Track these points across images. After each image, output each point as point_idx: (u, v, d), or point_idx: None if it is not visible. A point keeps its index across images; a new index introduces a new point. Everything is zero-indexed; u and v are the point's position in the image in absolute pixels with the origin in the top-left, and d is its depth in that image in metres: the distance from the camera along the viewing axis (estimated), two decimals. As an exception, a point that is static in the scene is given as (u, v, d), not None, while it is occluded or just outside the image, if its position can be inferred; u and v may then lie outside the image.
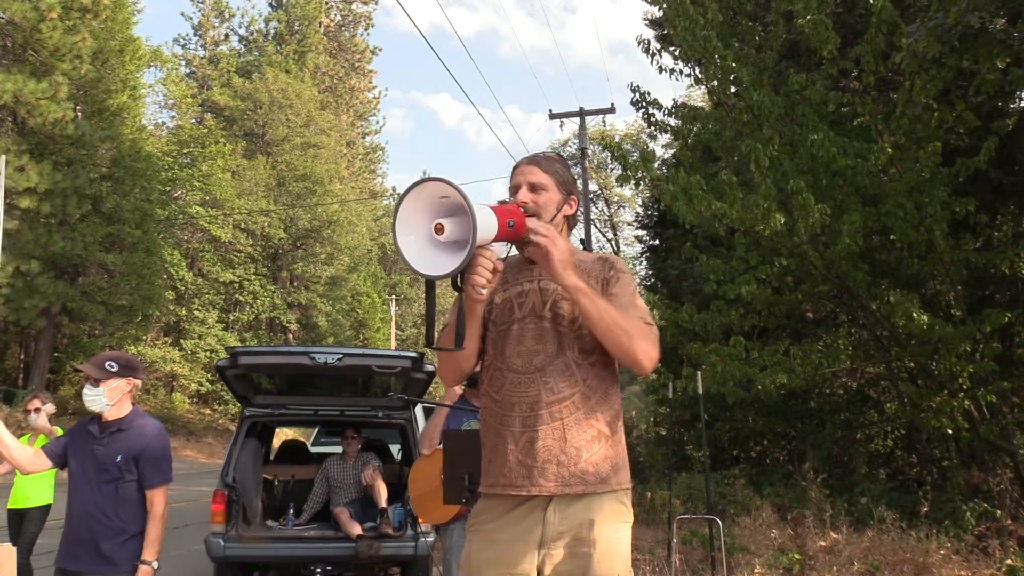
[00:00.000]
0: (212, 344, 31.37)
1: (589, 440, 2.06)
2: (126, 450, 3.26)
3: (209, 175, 31.88)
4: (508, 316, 2.16)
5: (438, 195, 1.88)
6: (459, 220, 1.84)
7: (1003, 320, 7.21)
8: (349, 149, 45.24)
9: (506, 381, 2.11)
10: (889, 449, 11.82)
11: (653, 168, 8.13)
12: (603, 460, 2.07)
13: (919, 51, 5.69)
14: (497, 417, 2.12)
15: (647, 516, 10.61)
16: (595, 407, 2.08)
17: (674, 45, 8.74)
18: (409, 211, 1.90)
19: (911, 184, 7.11)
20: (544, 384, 2.06)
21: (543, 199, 2.16)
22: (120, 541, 3.19)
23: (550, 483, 2.02)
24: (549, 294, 2.14)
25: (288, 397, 6.71)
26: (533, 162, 2.22)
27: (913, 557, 6.48)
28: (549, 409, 2.05)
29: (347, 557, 6.04)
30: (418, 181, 1.90)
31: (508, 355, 2.12)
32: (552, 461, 2.03)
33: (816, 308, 10.84)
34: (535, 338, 2.11)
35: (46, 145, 21.33)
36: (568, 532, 2.02)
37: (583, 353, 2.09)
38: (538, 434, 2.04)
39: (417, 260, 1.88)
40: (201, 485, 15.80)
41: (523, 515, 2.05)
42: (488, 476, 2.13)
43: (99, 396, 3.26)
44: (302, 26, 43.69)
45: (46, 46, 20.73)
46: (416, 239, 1.90)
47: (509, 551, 2.04)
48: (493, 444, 2.12)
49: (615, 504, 2.08)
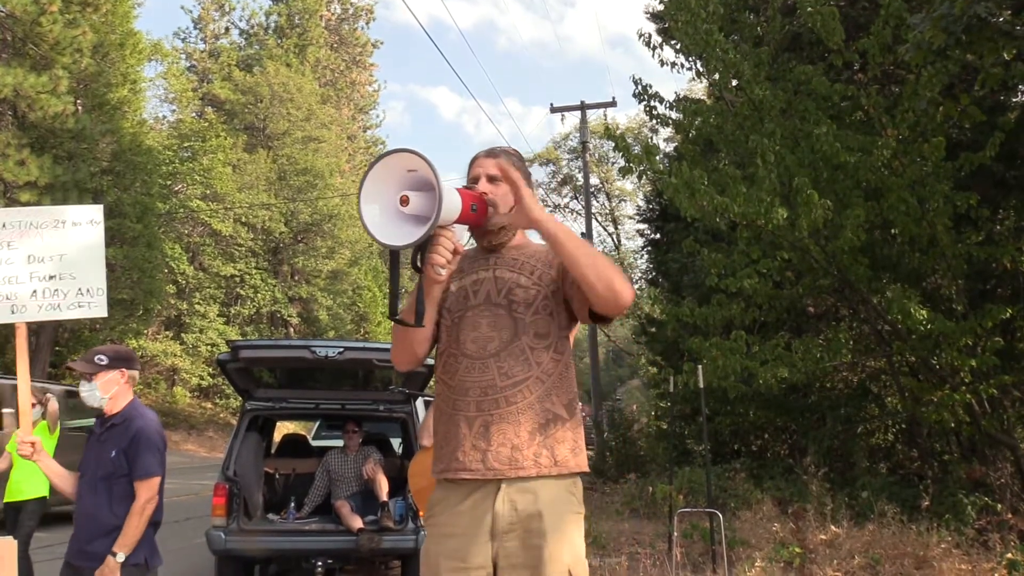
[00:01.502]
0: (213, 338, 31.36)
1: (544, 423, 2.08)
2: (119, 444, 3.24)
3: (210, 169, 31.82)
4: (463, 303, 2.19)
5: (406, 167, 1.89)
6: (425, 195, 1.86)
7: (1004, 315, 7.21)
8: (350, 143, 45.16)
9: (460, 367, 2.12)
10: (890, 443, 11.83)
11: (656, 161, 8.12)
12: (558, 443, 2.09)
13: (924, 42, 5.66)
14: (450, 402, 2.13)
15: (648, 509, 10.62)
16: (551, 390, 2.11)
17: (675, 39, 8.69)
18: (377, 180, 1.91)
19: (914, 178, 7.10)
20: (499, 369, 2.09)
21: (501, 191, 2.20)
22: (114, 536, 3.16)
23: (504, 466, 2.04)
24: (504, 282, 2.18)
25: (289, 391, 6.71)
26: (491, 155, 2.27)
27: (914, 551, 6.49)
28: (504, 393, 2.07)
29: (348, 550, 6.05)
30: (389, 151, 1.92)
31: (462, 341, 2.14)
32: (506, 445, 2.05)
33: (817, 302, 10.84)
34: (490, 325, 2.13)
35: (46, 139, 21.29)
36: (519, 523, 2.02)
37: (538, 337, 2.12)
38: (492, 418, 2.06)
39: (378, 229, 1.90)
40: (202, 479, 15.83)
41: (474, 506, 2.06)
42: (441, 461, 2.14)
43: (93, 391, 3.25)
44: (303, 20, 43.57)
45: (46, 40, 20.68)
46: (380, 208, 1.92)
47: (462, 544, 2.04)
48: (446, 429, 2.14)
49: (565, 495, 2.09)
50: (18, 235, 3.23)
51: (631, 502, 11.35)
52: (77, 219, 3.29)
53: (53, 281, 3.19)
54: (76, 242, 3.27)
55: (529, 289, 2.16)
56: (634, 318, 25.77)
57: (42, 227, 3.25)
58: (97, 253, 3.29)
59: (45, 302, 3.18)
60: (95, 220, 3.32)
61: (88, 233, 3.29)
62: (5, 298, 3.17)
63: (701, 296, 10.43)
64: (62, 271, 3.22)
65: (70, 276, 3.22)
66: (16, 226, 3.24)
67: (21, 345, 3.11)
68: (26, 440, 3.08)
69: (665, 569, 6.53)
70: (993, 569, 5.94)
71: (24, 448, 3.06)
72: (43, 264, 3.20)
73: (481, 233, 2.22)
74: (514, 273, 2.19)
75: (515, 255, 2.24)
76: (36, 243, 3.23)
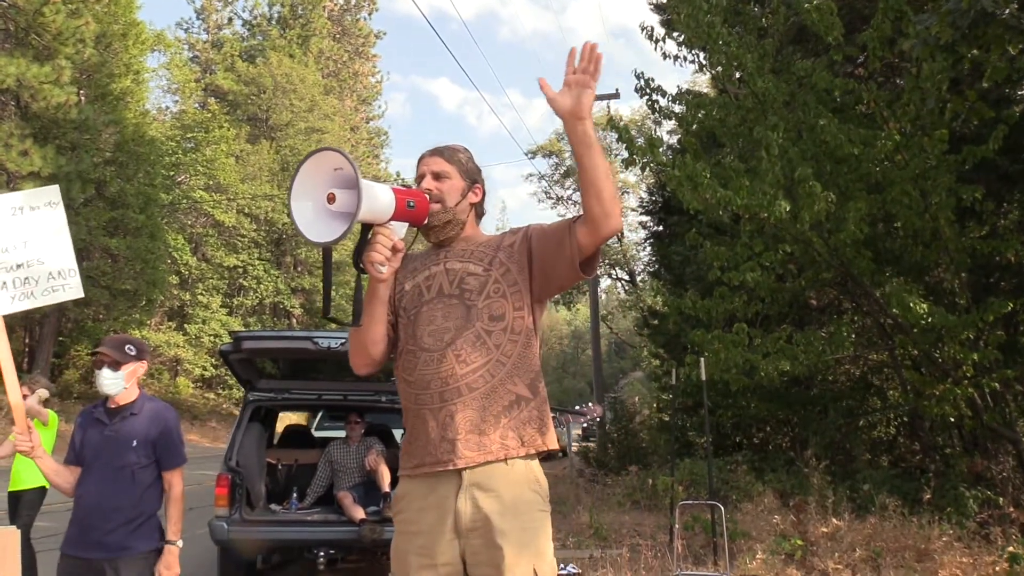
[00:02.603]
0: (216, 329, 31.44)
1: (507, 405, 2.09)
2: (143, 434, 3.25)
3: (213, 160, 31.85)
4: (417, 300, 2.20)
5: (333, 166, 1.92)
6: (352, 192, 1.88)
7: (1006, 308, 7.19)
8: (353, 134, 45.11)
9: (419, 361, 2.13)
10: (892, 436, 11.84)
11: (659, 154, 8.11)
12: (524, 424, 2.10)
13: (931, 37, 5.64)
14: (412, 398, 2.14)
15: (649, 501, 10.64)
16: (512, 371, 2.11)
17: (678, 31, 8.66)
18: (306, 179, 1.94)
19: (916, 172, 7.08)
20: (456, 357, 2.09)
21: (446, 186, 2.23)
22: (135, 526, 3.19)
23: (473, 452, 2.04)
24: (455, 272, 2.20)
25: (291, 382, 6.72)
26: (436, 153, 2.29)
27: (915, 544, 6.49)
28: (465, 380, 2.08)
29: (350, 541, 6.07)
30: (315, 150, 1.95)
31: (419, 336, 2.15)
32: (474, 431, 2.05)
33: (820, 295, 10.83)
34: (444, 316, 2.14)
35: (49, 129, 21.30)
36: (481, 523, 2.02)
37: (493, 320, 2.13)
38: (456, 407, 2.06)
39: (306, 226, 1.94)
40: (205, 469, 15.83)
41: (439, 502, 2.06)
42: (412, 458, 2.13)
43: (118, 380, 3.25)
44: (306, 10, 43.48)
45: (49, 30, 20.67)
46: (312, 206, 1.94)
47: (429, 541, 2.05)
48: (413, 425, 2.15)
49: (529, 494, 2.08)
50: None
51: (632, 494, 11.37)
52: (35, 203, 3.21)
53: (22, 270, 3.11)
54: (38, 226, 3.19)
55: (480, 276, 2.17)
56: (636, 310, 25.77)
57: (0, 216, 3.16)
58: (62, 234, 3.21)
59: (17, 292, 3.09)
60: (53, 201, 3.24)
61: (49, 216, 3.21)
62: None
63: (704, 289, 10.42)
64: (29, 258, 3.13)
65: (38, 262, 3.14)
66: None
67: (2, 341, 2.98)
68: (22, 435, 3.04)
69: (666, 561, 6.55)
70: (994, 562, 5.94)
71: (22, 444, 3.02)
72: (8, 254, 3.11)
73: (427, 229, 2.23)
74: (464, 263, 2.20)
75: (464, 246, 2.25)
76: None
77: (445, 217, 2.20)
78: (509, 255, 2.19)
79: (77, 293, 3.20)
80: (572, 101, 1.94)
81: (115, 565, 3.14)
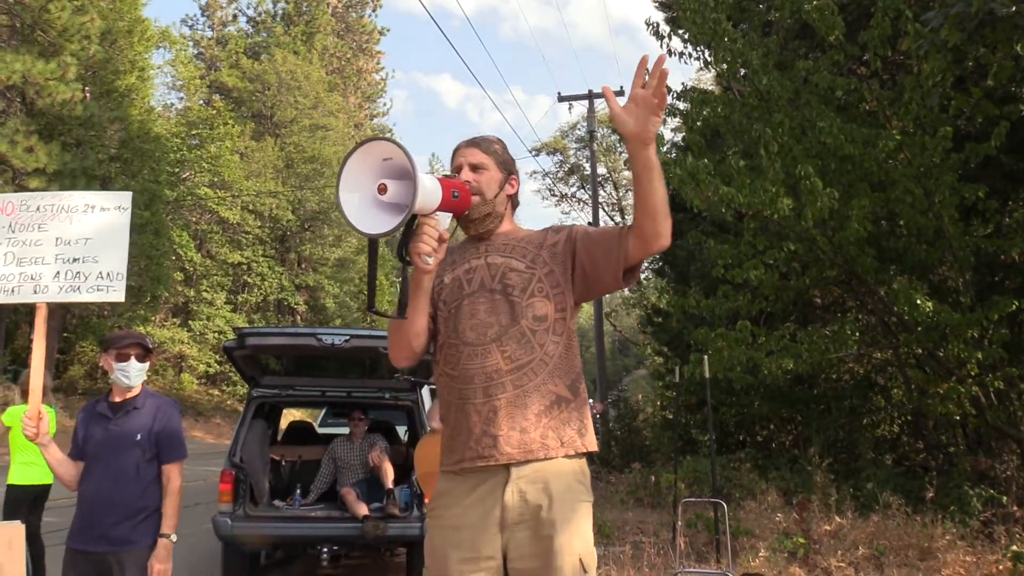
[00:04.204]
0: (220, 325, 31.46)
1: (548, 405, 2.08)
2: (146, 428, 3.29)
3: (217, 156, 31.85)
4: (458, 293, 2.18)
5: (383, 156, 1.90)
6: (402, 183, 1.87)
7: (1011, 307, 7.18)
8: (357, 131, 45.11)
9: (462, 355, 2.12)
10: (895, 435, 11.82)
11: (661, 152, 8.10)
12: (564, 424, 2.10)
13: (938, 39, 5.63)
14: (456, 392, 2.13)
15: (652, 499, 10.64)
16: (554, 372, 2.11)
17: (683, 28, 8.66)
18: (355, 169, 1.92)
19: (920, 169, 7.07)
20: (502, 353, 2.09)
21: (484, 178, 2.21)
22: (139, 519, 3.22)
23: (515, 450, 2.04)
24: (497, 267, 2.18)
25: (295, 378, 6.74)
26: (473, 144, 2.27)
27: (918, 542, 6.49)
28: (509, 377, 2.08)
29: (353, 537, 6.08)
30: (366, 140, 1.92)
31: (461, 330, 2.14)
32: (515, 428, 2.05)
33: (824, 293, 10.82)
34: (487, 311, 2.13)
35: (55, 126, 21.33)
36: (529, 515, 2.02)
37: (537, 320, 2.12)
38: (500, 403, 2.06)
39: (357, 217, 1.90)
40: (209, 465, 15.86)
41: (482, 498, 2.06)
42: (454, 453, 2.13)
43: (141, 372, 3.32)
44: (310, 7, 43.47)
45: (54, 26, 20.70)
46: (360, 197, 1.92)
47: (472, 536, 2.04)
48: (456, 420, 2.14)
49: (575, 484, 2.09)
50: (50, 218, 3.33)
51: (636, 491, 11.38)
52: (106, 204, 3.37)
53: (76, 264, 3.27)
54: (102, 227, 3.34)
55: (523, 273, 2.16)
56: (640, 308, 25.75)
57: (72, 211, 3.33)
58: (121, 238, 3.35)
59: (66, 284, 3.25)
60: (123, 206, 3.39)
61: (114, 219, 3.36)
62: (30, 278, 3.25)
63: (707, 287, 10.43)
64: (86, 254, 3.29)
65: (92, 260, 3.28)
66: (49, 210, 3.33)
67: (40, 325, 3.15)
68: (31, 420, 3.08)
69: (669, 558, 6.55)
70: (998, 561, 5.93)
71: (28, 428, 3.07)
72: (69, 247, 3.28)
73: (467, 222, 2.21)
74: (506, 258, 2.19)
75: (505, 240, 2.24)
76: (66, 227, 3.31)
77: (485, 209, 2.19)
78: (552, 255, 2.18)
79: (119, 297, 3.29)
80: (639, 126, 1.90)
81: (119, 558, 3.16)
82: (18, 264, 3.24)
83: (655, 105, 1.86)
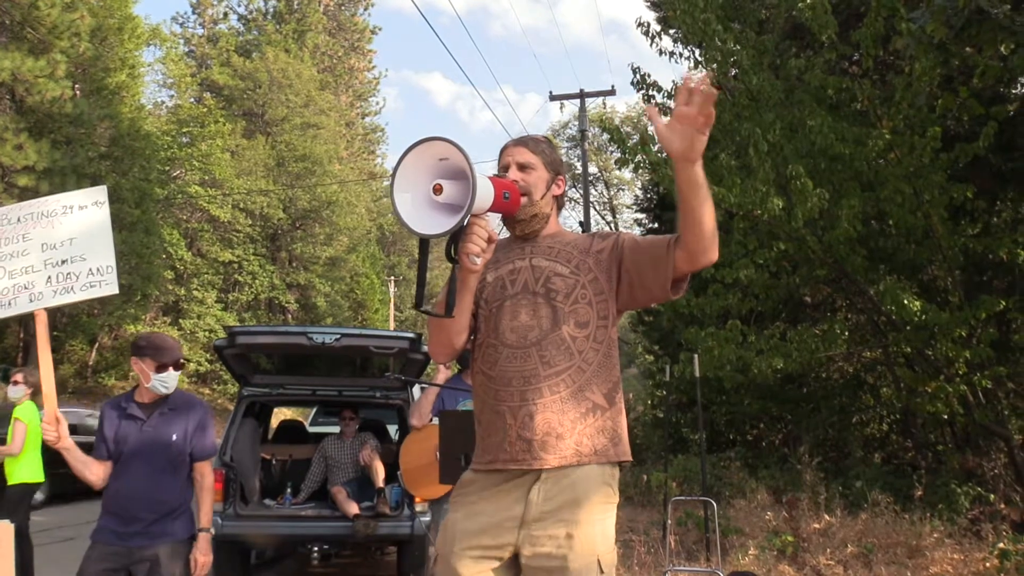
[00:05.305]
0: (211, 324, 31.35)
1: (584, 412, 2.07)
2: (181, 428, 3.38)
3: (208, 155, 31.73)
4: (500, 294, 2.17)
5: (439, 156, 1.88)
6: (458, 183, 1.85)
7: (998, 306, 7.23)
8: (348, 130, 45.04)
9: (501, 356, 2.11)
10: (884, 433, 11.88)
11: (652, 151, 8.12)
12: (599, 432, 2.08)
13: (924, 36, 5.66)
14: (492, 393, 2.12)
15: (642, 497, 10.67)
16: (591, 379, 2.09)
17: (674, 27, 8.68)
18: (410, 168, 1.90)
19: (909, 169, 7.10)
20: (541, 358, 2.08)
21: (532, 178, 2.19)
22: (177, 515, 3.35)
23: (550, 456, 2.03)
24: (541, 271, 2.16)
25: (286, 377, 6.73)
26: (521, 143, 2.26)
27: (906, 540, 6.53)
28: (547, 382, 2.06)
29: (344, 536, 6.08)
30: (422, 139, 1.89)
31: (502, 331, 2.13)
32: (551, 434, 2.04)
33: (813, 292, 10.86)
34: (529, 314, 2.12)
35: (44, 123, 21.21)
36: (551, 513, 2.02)
37: (578, 327, 2.11)
38: (537, 407, 2.05)
39: (411, 218, 1.88)
40: (200, 464, 15.83)
41: (508, 491, 2.06)
42: (487, 453, 2.12)
43: (176, 379, 3.40)
44: (301, 5, 43.40)
45: (44, 23, 20.58)
46: (412, 197, 1.90)
47: (490, 525, 2.05)
48: (490, 420, 2.13)
49: (602, 485, 2.08)
50: (31, 226, 3.33)
51: (626, 490, 11.39)
52: (83, 202, 3.39)
53: (65, 265, 3.28)
54: (84, 225, 3.36)
55: (567, 278, 2.14)
56: (631, 307, 25.70)
57: (52, 215, 3.34)
58: (104, 233, 3.37)
59: (59, 286, 3.26)
60: (99, 201, 3.40)
61: (94, 214, 3.37)
62: (23, 288, 3.25)
63: (697, 286, 10.43)
64: (73, 254, 3.30)
65: (80, 258, 3.29)
66: (28, 218, 3.34)
67: (42, 332, 3.15)
68: (50, 425, 3.10)
69: (659, 556, 6.57)
70: (985, 558, 5.97)
71: (49, 433, 3.09)
72: (56, 250, 3.29)
73: (513, 222, 2.20)
74: (551, 262, 2.18)
75: (550, 243, 2.22)
76: (48, 231, 3.32)
77: (532, 210, 2.18)
78: (598, 262, 2.16)
79: (113, 290, 3.30)
80: (685, 146, 1.85)
81: (155, 552, 3.25)
82: (9, 277, 3.24)
83: (701, 124, 1.82)
